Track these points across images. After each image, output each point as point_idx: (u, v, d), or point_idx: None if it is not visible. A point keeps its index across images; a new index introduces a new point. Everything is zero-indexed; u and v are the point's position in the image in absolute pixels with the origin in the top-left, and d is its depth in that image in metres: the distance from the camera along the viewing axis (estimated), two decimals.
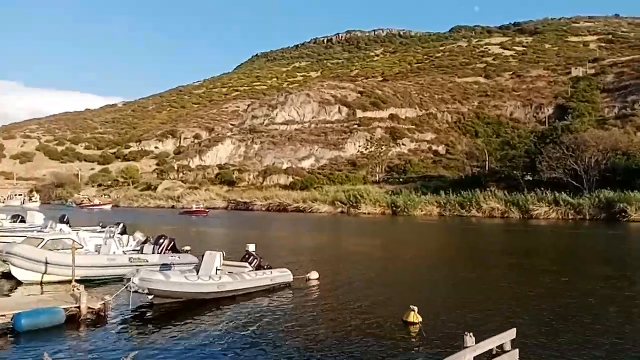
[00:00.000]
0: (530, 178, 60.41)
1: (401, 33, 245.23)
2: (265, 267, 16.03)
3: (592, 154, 54.76)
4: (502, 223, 45.98)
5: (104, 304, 11.96)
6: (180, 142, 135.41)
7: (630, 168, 52.44)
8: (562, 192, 50.40)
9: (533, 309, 12.76)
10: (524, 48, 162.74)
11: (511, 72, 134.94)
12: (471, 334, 7.41)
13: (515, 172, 61.33)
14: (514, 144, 72.05)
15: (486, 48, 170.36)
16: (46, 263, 15.75)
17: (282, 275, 15.93)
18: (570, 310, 12.73)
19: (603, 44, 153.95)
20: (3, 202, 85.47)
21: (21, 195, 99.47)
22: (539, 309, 12.76)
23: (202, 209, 63.98)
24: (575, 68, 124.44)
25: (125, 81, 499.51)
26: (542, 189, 52.23)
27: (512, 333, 7.92)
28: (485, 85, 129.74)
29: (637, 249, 28.49)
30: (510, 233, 38.02)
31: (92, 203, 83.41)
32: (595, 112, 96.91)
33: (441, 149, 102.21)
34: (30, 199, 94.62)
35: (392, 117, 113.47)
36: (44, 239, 17.09)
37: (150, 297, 12.86)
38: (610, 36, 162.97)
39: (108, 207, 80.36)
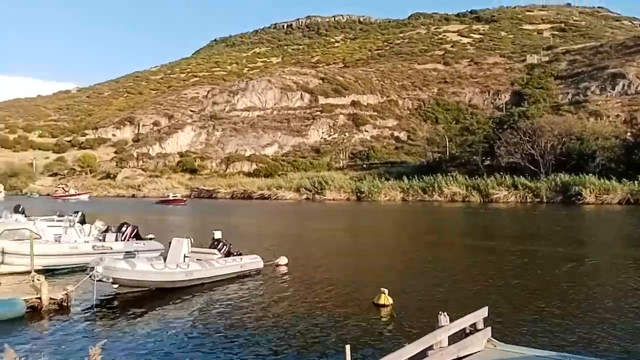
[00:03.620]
0: (490, 163, 61.85)
1: (361, 19, 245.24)
2: (235, 253, 15.79)
3: (548, 139, 56.45)
4: (464, 207, 46.96)
5: (66, 294, 11.52)
6: (139, 130, 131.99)
7: (583, 152, 54.32)
8: (520, 176, 51.88)
9: (501, 288, 13.06)
10: (481, 35, 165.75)
11: (469, 59, 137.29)
12: (445, 313, 7.46)
13: (475, 157, 62.68)
14: (473, 130, 73.51)
15: (444, 35, 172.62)
16: (3, 253, 15.06)
17: (253, 261, 15.73)
18: (535, 287, 13.11)
19: (556, 32, 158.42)
20: None
21: None
22: (507, 288, 13.08)
23: (180, 198, 62.57)
24: (530, 55, 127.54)
25: (78, 66, 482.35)
26: (501, 173, 53.64)
27: (484, 311, 8.01)
28: (444, 72, 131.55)
29: (590, 229, 29.59)
30: (472, 216, 38.84)
31: (67, 193, 78.53)
32: (550, 99, 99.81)
33: (403, 135, 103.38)
34: None
35: (354, 103, 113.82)
36: None
37: (115, 286, 12.46)
38: (562, 24, 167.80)
39: (85, 197, 76.18)
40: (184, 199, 63.65)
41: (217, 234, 16.33)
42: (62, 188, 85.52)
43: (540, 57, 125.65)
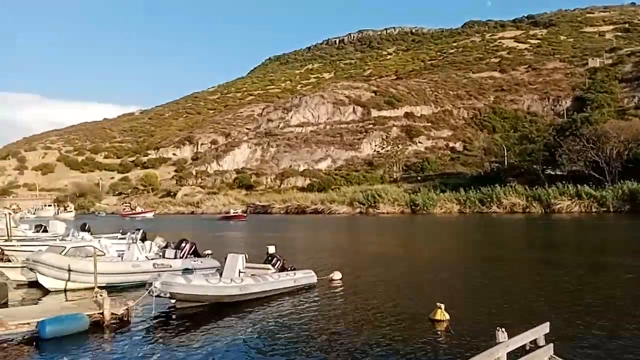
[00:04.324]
0: (551, 172, 59.51)
1: (413, 30, 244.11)
2: (289, 268, 15.87)
3: (613, 145, 53.78)
4: (524, 218, 45.31)
5: (127, 309, 11.93)
6: (197, 148, 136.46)
7: None
8: (584, 185, 49.55)
9: (564, 303, 12.42)
10: (539, 41, 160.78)
11: (527, 66, 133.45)
12: (503, 329, 7.17)
13: (535, 166, 60.53)
14: (533, 138, 71.05)
15: (500, 42, 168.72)
16: (70, 270, 15.80)
17: (306, 276, 15.73)
18: (602, 302, 12.36)
19: (620, 34, 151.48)
20: (34, 214, 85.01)
21: (51, 206, 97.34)
22: (570, 303, 12.41)
23: (240, 214, 64.02)
24: (592, 59, 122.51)
25: (141, 90, 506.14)
26: (564, 182, 51.50)
27: (545, 327, 7.65)
28: (501, 79, 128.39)
29: None
30: (534, 228, 37.41)
31: (134, 211, 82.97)
32: (615, 103, 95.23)
33: (458, 145, 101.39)
34: (65, 209, 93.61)
35: (407, 115, 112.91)
36: (65, 247, 17.17)
37: (173, 301, 12.80)
38: (626, 25, 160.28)
39: (150, 215, 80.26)
40: (245, 214, 64.75)
41: (271, 249, 16.50)
42: (129, 206, 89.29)
43: (603, 60, 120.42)
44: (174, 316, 12.64)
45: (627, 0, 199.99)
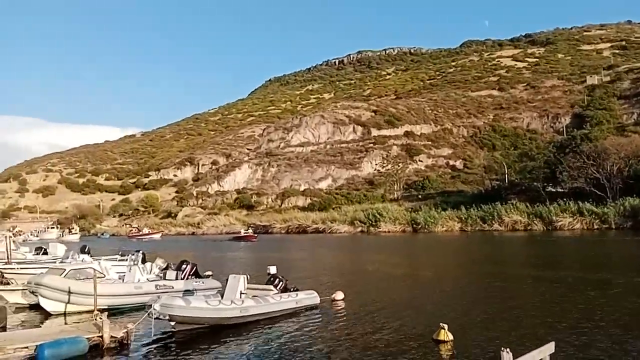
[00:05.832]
0: (552, 189, 59.41)
1: (412, 51, 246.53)
2: (292, 289, 15.72)
3: (614, 161, 53.73)
4: (526, 236, 45.09)
5: (126, 332, 11.78)
6: (198, 169, 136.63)
7: None
8: (585, 202, 49.39)
9: (569, 322, 12.26)
10: (537, 59, 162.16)
11: (525, 84, 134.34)
12: (508, 349, 7.06)
13: (536, 183, 60.44)
14: (533, 156, 71.11)
15: (498, 61, 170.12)
16: (70, 293, 15.65)
17: (309, 297, 15.57)
18: (607, 321, 12.20)
19: (617, 51, 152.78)
20: (37, 236, 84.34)
21: (54, 228, 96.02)
22: (575, 321, 12.26)
23: (251, 234, 62.94)
24: (590, 76, 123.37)
25: (142, 112, 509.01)
26: (565, 199, 51.31)
27: (551, 347, 7.54)
28: (500, 97, 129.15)
29: None
30: (536, 245, 37.20)
31: (141, 233, 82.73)
32: (614, 120, 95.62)
33: (459, 163, 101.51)
34: (70, 231, 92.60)
35: (407, 134, 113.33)
36: (65, 269, 17.05)
37: (173, 323, 12.65)
38: (623, 42, 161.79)
39: (158, 236, 79.92)
40: (255, 235, 63.72)
41: (272, 270, 16.34)
42: (137, 227, 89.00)
43: (601, 77, 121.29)
44: (173, 339, 12.49)
45: (623, 17, 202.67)
